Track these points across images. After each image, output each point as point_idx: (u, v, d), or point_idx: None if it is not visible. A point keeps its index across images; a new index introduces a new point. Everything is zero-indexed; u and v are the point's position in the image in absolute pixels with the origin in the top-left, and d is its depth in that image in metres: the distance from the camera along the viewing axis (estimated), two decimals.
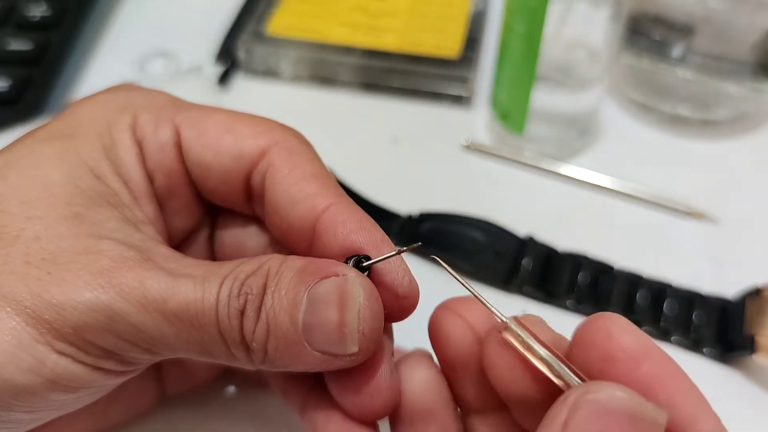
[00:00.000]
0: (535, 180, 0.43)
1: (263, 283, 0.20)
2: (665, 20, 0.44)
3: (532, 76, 0.40)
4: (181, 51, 0.50)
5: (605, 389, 0.16)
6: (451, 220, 0.38)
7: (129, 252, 0.21)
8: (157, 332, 0.20)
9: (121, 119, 0.24)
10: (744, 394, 0.33)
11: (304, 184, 0.23)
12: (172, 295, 0.20)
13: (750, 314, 0.34)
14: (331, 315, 0.20)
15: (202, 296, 0.20)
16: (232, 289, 0.20)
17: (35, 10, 0.49)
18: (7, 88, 0.44)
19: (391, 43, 0.49)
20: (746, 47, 0.42)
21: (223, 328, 0.20)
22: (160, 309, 0.20)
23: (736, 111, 0.46)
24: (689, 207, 0.41)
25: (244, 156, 0.24)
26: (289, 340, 0.20)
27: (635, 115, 0.47)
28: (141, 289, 0.20)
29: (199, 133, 0.24)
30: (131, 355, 0.20)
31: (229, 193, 0.25)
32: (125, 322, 0.20)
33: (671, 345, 0.34)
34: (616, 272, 0.37)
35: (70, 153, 0.22)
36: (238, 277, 0.20)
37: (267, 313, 0.20)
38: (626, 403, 0.16)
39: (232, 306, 0.20)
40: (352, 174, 0.41)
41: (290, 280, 0.20)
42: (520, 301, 0.36)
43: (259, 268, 0.21)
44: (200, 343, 0.20)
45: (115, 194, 0.23)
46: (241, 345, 0.20)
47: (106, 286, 0.20)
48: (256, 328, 0.20)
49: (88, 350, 0.20)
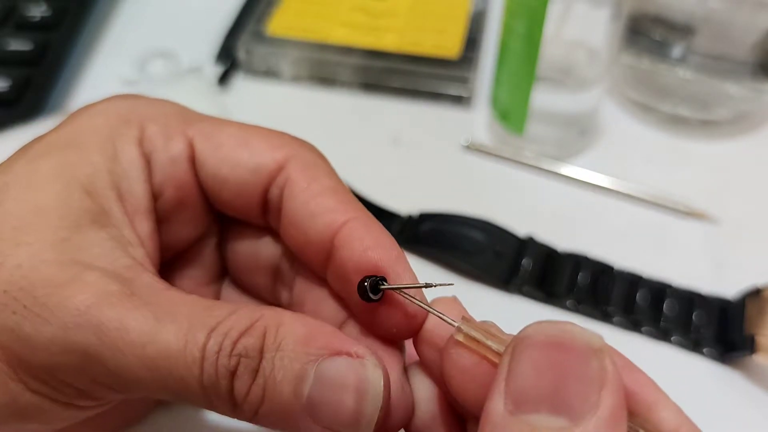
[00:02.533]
0: (535, 180, 0.43)
1: (260, 345, 0.20)
2: (665, 20, 0.44)
3: (532, 76, 0.40)
4: (181, 51, 0.50)
5: (533, 326, 0.17)
6: (451, 220, 0.38)
7: (113, 286, 0.20)
8: (132, 377, 0.19)
9: (126, 131, 0.24)
10: (744, 394, 0.33)
11: (323, 198, 0.23)
12: (152, 341, 0.19)
13: (750, 314, 0.34)
14: (346, 400, 0.19)
15: (185, 347, 0.19)
16: (223, 346, 0.19)
17: (35, 10, 0.49)
18: (7, 88, 0.44)
19: (391, 43, 0.49)
20: (746, 47, 0.42)
21: (207, 384, 0.19)
22: (138, 354, 0.19)
23: (736, 111, 0.46)
24: (689, 207, 0.41)
25: (261, 170, 0.24)
26: (287, 410, 0.19)
27: (635, 115, 0.47)
28: (120, 331, 0.19)
29: (215, 146, 0.24)
30: (106, 396, 0.20)
31: (244, 206, 0.25)
32: (99, 365, 0.19)
33: (671, 345, 0.34)
34: (616, 272, 0.37)
35: (66, 170, 0.22)
36: (230, 334, 0.19)
37: (266, 378, 0.19)
38: (551, 332, 0.16)
39: (221, 365, 0.19)
40: (352, 174, 0.41)
41: (293, 348, 0.20)
42: (520, 301, 0.36)
43: (253, 327, 0.20)
44: (177, 391, 0.20)
45: (105, 213, 0.22)
46: (227, 402, 0.20)
47: (84, 325, 0.19)
48: (250, 391, 0.19)
49: (61, 389, 0.19)
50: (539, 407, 0.16)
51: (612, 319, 0.35)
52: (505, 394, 0.16)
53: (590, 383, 0.16)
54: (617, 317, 0.35)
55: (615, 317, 0.35)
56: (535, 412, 0.16)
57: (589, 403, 0.15)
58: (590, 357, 0.16)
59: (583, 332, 0.16)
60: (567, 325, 0.17)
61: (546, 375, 0.16)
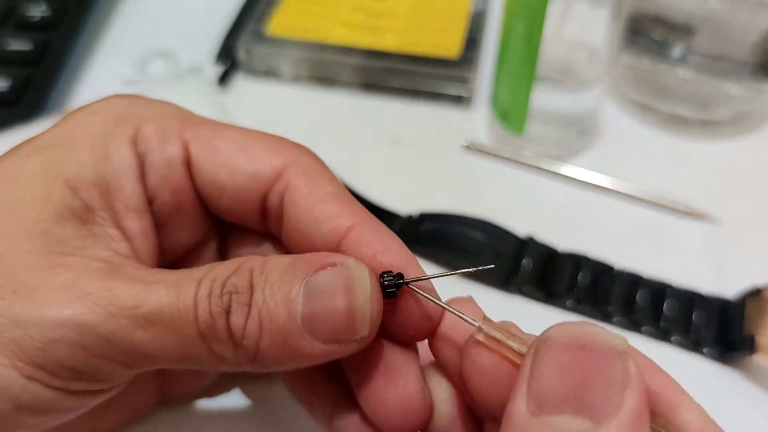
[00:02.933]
0: (535, 180, 0.43)
1: (248, 281, 0.20)
2: (665, 20, 0.44)
3: (532, 76, 0.40)
4: (181, 51, 0.50)
5: (555, 327, 0.17)
6: (451, 220, 0.38)
7: (95, 264, 0.20)
8: (130, 341, 0.19)
9: (119, 130, 0.23)
10: (744, 394, 0.33)
11: (326, 203, 0.23)
12: (144, 300, 0.19)
13: (750, 314, 0.34)
14: (338, 302, 0.20)
15: (177, 298, 0.19)
16: (213, 289, 0.20)
17: (35, 10, 0.49)
18: (7, 88, 0.44)
19: (391, 43, 0.49)
20: (746, 47, 0.42)
21: (203, 328, 0.20)
22: (131, 315, 0.19)
23: (736, 111, 0.46)
24: (689, 207, 0.41)
25: (259, 176, 0.24)
26: (286, 334, 0.20)
27: (635, 115, 0.47)
28: (109, 297, 0.19)
29: (212, 151, 0.24)
30: (104, 372, 0.20)
31: (243, 212, 0.25)
32: (94, 335, 0.19)
33: (671, 345, 0.34)
34: (616, 272, 0.37)
35: (50, 166, 0.22)
36: (218, 278, 0.20)
37: (259, 309, 0.20)
38: (575, 333, 0.16)
39: (214, 304, 0.20)
40: (352, 174, 0.41)
41: (280, 275, 0.20)
42: (520, 301, 0.36)
43: (239, 269, 0.20)
44: (177, 348, 0.20)
45: (88, 209, 0.22)
46: (228, 343, 0.20)
47: (71, 299, 0.19)
48: (246, 325, 0.20)
49: (58, 372, 0.19)
50: (562, 409, 0.16)
51: (612, 319, 0.35)
52: (527, 395, 0.16)
53: (613, 385, 0.16)
54: (617, 317, 0.35)
55: (615, 317, 0.35)
56: (557, 413, 0.16)
57: (612, 404, 0.16)
58: (614, 358, 0.16)
59: (606, 334, 0.16)
60: (590, 326, 0.17)
61: (569, 377, 0.16)
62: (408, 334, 0.22)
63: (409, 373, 0.22)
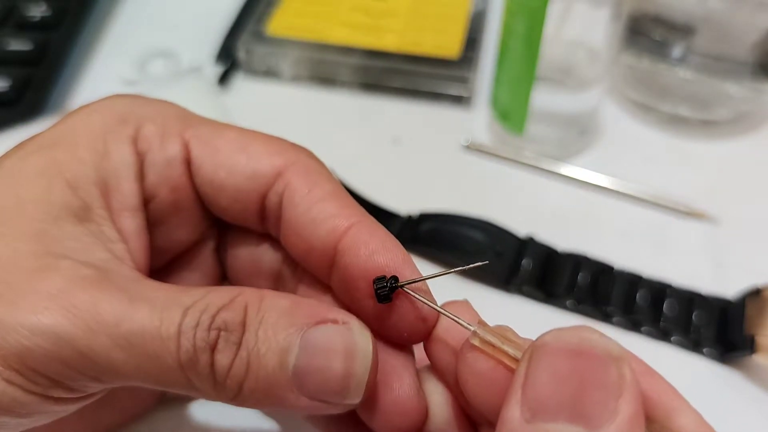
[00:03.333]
0: (535, 180, 0.43)
1: (241, 319, 0.19)
2: (665, 20, 0.44)
3: (532, 76, 0.40)
4: (181, 51, 0.50)
5: (551, 333, 0.17)
6: (451, 220, 0.38)
7: (86, 270, 0.20)
8: (105, 359, 0.19)
9: (120, 129, 0.23)
10: (744, 394, 0.33)
11: (324, 204, 0.23)
12: (125, 319, 0.19)
13: (750, 314, 0.34)
14: (335, 365, 0.19)
15: (160, 324, 0.19)
16: (201, 322, 0.19)
17: (35, 10, 0.49)
18: (7, 88, 0.44)
19: (391, 44, 0.49)
20: (746, 47, 0.42)
21: (184, 360, 0.19)
22: (110, 333, 0.19)
23: (736, 111, 0.46)
24: (689, 207, 0.41)
25: (258, 176, 0.24)
26: (273, 383, 0.19)
27: (635, 115, 0.47)
28: (92, 312, 0.19)
29: (212, 150, 0.24)
30: (79, 384, 0.20)
31: (241, 212, 0.25)
32: (70, 348, 0.19)
33: (671, 345, 0.34)
34: (616, 272, 0.37)
35: (51, 165, 0.22)
36: (208, 309, 0.19)
37: (249, 351, 0.19)
38: (570, 339, 0.16)
39: (199, 339, 0.19)
40: (352, 174, 0.41)
41: (277, 320, 0.20)
42: (520, 301, 0.36)
43: (233, 302, 0.20)
44: (153, 373, 0.19)
45: (87, 208, 0.22)
46: (208, 380, 0.19)
47: (54, 309, 0.19)
48: (233, 365, 0.19)
49: (35, 379, 0.19)
50: (557, 416, 0.16)
51: (612, 319, 0.35)
52: (521, 401, 0.16)
53: (608, 391, 0.16)
54: (617, 317, 0.35)
55: (615, 317, 0.35)
56: (552, 420, 0.16)
57: (607, 411, 0.15)
58: (609, 365, 0.16)
59: (602, 339, 0.16)
60: (585, 331, 0.16)
61: (564, 383, 0.16)
62: (403, 336, 0.22)
63: (404, 376, 0.22)
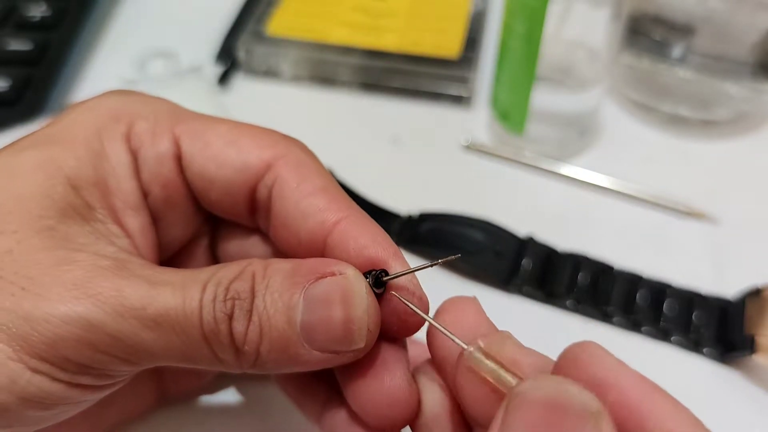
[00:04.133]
0: (535, 180, 0.43)
1: (250, 286, 0.20)
2: (665, 20, 0.44)
3: (532, 76, 0.40)
4: (181, 51, 0.50)
5: (529, 382, 0.16)
6: (451, 220, 0.38)
7: (104, 261, 0.20)
8: (136, 340, 0.20)
9: (114, 127, 0.24)
10: (744, 394, 0.33)
11: (314, 197, 0.23)
12: (151, 302, 0.20)
13: (750, 314, 0.34)
14: (335, 313, 0.20)
15: (183, 301, 0.20)
16: (217, 294, 0.20)
17: (35, 10, 0.49)
18: (7, 88, 0.44)
19: (391, 43, 0.49)
20: (746, 47, 0.42)
21: (207, 332, 0.20)
22: (138, 316, 0.20)
23: (736, 111, 0.46)
24: (689, 207, 0.41)
25: (248, 169, 0.24)
26: (285, 341, 0.20)
27: (635, 115, 0.47)
28: (118, 297, 0.20)
29: (202, 145, 0.24)
30: (109, 368, 0.20)
31: (232, 206, 0.25)
32: (102, 333, 0.19)
33: (671, 345, 0.34)
34: (616, 272, 0.37)
35: (50, 162, 0.22)
36: (222, 282, 0.20)
37: (260, 315, 0.20)
38: (548, 391, 0.16)
39: (218, 310, 0.20)
40: (352, 174, 0.41)
41: (281, 282, 0.20)
42: (520, 301, 0.36)
43: (242, 272, 0.21)
44: (181, 349, 0.20)
45: (90, 208, 0.22)
46: (230, 348, 0.20)
47: (81, 297, 0.19)
48: (248, 331, 0.20)
49: (64, 366, 0.19)
50: None
51: (612, 319, 0.35)
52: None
53: None
54: (617, 317, 0.35)
55: (615, 317, 0.35)
56: None
57: None
58: (586, 421, 0.15)
59: (580, 393, 0.16)
60: (564, 383, 0.16)
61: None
62: (393, 330, 0.22)
63: (396, 368, 0.22)
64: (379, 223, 0.23)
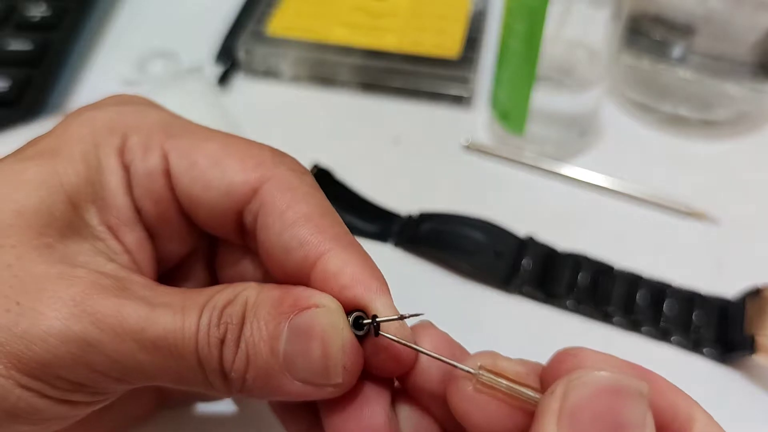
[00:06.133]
0: (535, 180, 0.43)
1: (242, 312, 0.21)
2: (665, 20, 0.44)
3: (532, 76, 0.40)
4: (181, 51, 0.50)
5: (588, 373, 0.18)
6: (451, 220, 0.38)
7: (104, 280, 0.20)
8: (132, 362, 0.20)
9: (109, 140, 0.23)
10: (744, 394, 0.33)
11: (297, 229, 0.22)
12: (150, 324, 0.20)
13: (750, 314, 0.34)
14: (314, 346, 0.20)
15: (182, 325, 0.20)
16: (212, 318, 0.20)
17: (35, 10, 0.49)
18: (7, 88, 0.44)
19: (391, 44, 0.49)
20: (746, 47, 0.42)
21: (202, 357, 0.20)
22: (137, 338, 0.20)
23: (736, 111, 0.46)
24: (689, 207, 0.41)
25: (233, 193, 0.23)
26: (269, 370, 0.20)
27: (635, 116, 0.47)
28: (117, 318, 0.19)
29: (189, 164, 0.23)
30: (102, 386, 0.20)
31: (221, 227, 0.24)
32: (98, 353, 0.19)
33: (671, 345, 0.34)
34: (616, 272, 0.37)
35: (51, 176, 0.22)
36: (217, 306, 0.20)
37: (246, 343, 0.20)
38: (609, 380, 0.17)
39: (212, 335, 0.20)
40: (352, 174, 0.41)
41: (268, 311, 0.20)
42: (520, 301, 0.36)
43: (236, 298, 0.21)
44: (176, 371, 0.20)
45: (89, 225, 0.22)
46: (219, 373, 0.20)
47: (80, 315, 0.19)
48: (235, 358, 0.20)
49: (56, 384, 0.19)
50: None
51: (612, 319, 0.35)
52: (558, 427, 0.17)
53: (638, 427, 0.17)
54: (617, 317, 0.35)
55: (615, 317, 0.35)
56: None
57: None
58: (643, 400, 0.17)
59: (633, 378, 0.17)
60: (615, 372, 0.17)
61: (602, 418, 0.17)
62: (376, 373, 0.22)
63: (377, 404, 0.21)
64: (379, 223, 0.23)
